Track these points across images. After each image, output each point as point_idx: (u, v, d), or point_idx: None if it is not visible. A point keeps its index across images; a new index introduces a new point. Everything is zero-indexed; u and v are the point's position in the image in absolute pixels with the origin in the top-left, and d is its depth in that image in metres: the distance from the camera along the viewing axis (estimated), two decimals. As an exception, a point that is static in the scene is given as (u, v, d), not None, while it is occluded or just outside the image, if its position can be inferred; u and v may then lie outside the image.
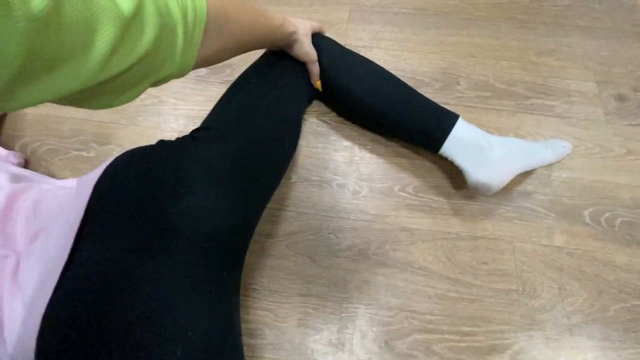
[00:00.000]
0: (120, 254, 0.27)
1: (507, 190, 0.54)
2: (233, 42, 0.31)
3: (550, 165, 0.53)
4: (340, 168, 0.56)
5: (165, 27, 0.21)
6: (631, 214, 0.53)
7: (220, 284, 0.31)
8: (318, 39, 0.49)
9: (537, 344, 0.45)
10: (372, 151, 0.58)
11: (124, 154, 0.35)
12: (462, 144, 0.47)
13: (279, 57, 0.46)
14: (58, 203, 0.34)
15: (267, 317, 0.46)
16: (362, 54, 0.54)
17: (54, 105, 0.60)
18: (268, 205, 0.52)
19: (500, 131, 0.60)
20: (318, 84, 0.50)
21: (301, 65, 0.47)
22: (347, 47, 0.56)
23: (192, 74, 0.61)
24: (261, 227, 0.52)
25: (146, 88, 0.23)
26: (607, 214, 0.53)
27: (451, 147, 0.48)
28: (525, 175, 0.55)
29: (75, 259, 0.27)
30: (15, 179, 0.41)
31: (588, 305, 0.47)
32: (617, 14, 0.72)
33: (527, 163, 0.49)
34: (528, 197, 0.54)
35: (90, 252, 0.27)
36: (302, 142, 0.58)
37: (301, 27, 0.44)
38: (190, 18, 0.23)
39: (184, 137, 0.38)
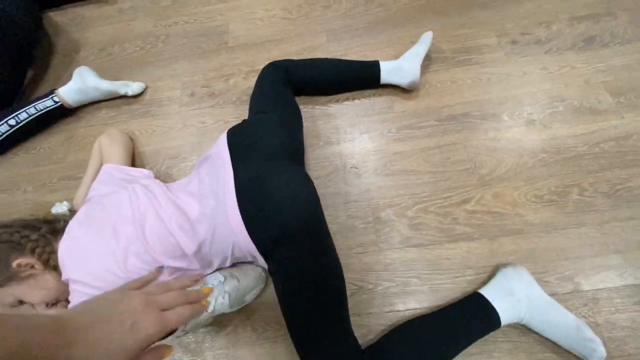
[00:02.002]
0: (258, 164, 0.60)
1: (453, 115, 0.86)
2: None
3: (428, 47, 0.90)
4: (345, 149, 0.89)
5: None
6: (536, 108, 0.84)
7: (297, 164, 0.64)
8: (286, 62, 0.86)
9: (488, 193, 0.75)
10: (353, 126, 0.90)
11: (234, 126, 0.69)
12: (388, 71, 0.87)
13: None
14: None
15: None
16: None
17: (164, 138, 0.94)
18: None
19: (443, 84, 0.92)
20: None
21: None
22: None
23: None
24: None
25: None
26: (517, 112, 0.84)
27: (385, 76, 0.87)
28: (464, 101, 0.87)
29: (236, 174, 0.59)
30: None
31: (515, 166, 0.78)
32: (502, -11, 1.06)
33: (419, 58, 0.88)
34: (466, 116, 0.86)
35: (244, 168, 0.59)
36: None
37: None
38: None
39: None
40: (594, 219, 0.70)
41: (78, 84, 0.99)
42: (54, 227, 0.72)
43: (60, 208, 0.79)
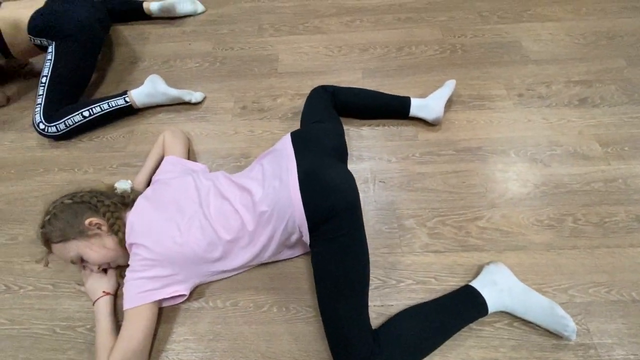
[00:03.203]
0: (318, 157, 0.74)
1: (468, 148, 1.01)
2: None
3: (452, 91, 1.08)
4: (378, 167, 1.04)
5: None
6: (538, 149, 1.00)
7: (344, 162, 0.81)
8: (333, 87, 1.04)
9: (497, 214, 0.88)
10: (382, 147, 1.05)
11: (296, 130, 0.85)
12: (416, 107, 1.03)
13: None
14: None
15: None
16: (378, 91, 1.06)
17: (217, 140, 1.08)
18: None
19: (460, 122, 1.09)
20: None
21: None
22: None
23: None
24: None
25: None
26: (522, 150, 1.00)
27: (413, 111, 1.04)
28: (477, 137, 1.03)
29: (299, 163, 0.72)
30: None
31: (520, 194, 0.91)
32: (511, 52, 1.27)
33: (444, 100, 1.05)
34: (479, 150, 1.01)
35: (305, 160, 0.72)
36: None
37: None
38: None
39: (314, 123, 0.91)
40: (585, 244, 0.83)
41: (149, 89, 1.15)
42: (124, 199, 0.84)
43: (124, 184, 0.92)
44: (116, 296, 0.79)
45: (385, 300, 0.78)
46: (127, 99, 1.14)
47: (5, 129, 1.21)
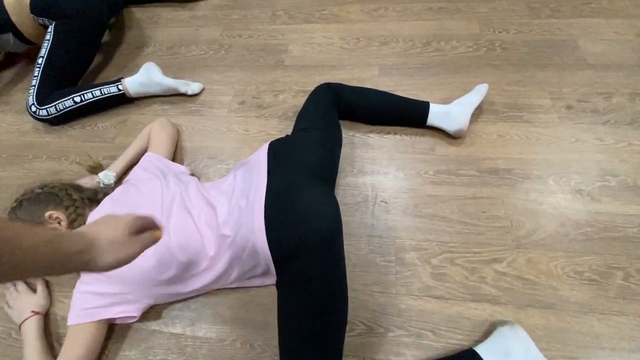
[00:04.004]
0: (292, 176, 0.60)
1: (494, 169, 0.84)
2: None
3: (482, 98, 0.90)
4: (381, 183, 0.89)
5: None
6: (585, 178, 0.80)
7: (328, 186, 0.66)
8: (340, 85, 0.89)
9: (522, 257, 0.71)
10: (390, 160, 0.90)
11: (277, 139, 0.72)
12: (436, 115, 0.86)
13: None
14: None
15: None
16: (391, 94, 0.90)
17: (208, 137, 0.97)
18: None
19: (489, 136, 0.90)
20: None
21: None
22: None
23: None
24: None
25: None
26: (564, 178, 0.80)
27: (432, 119, 0.87)
28: (508, 156, 0.85)
29: (270, 182, 0.60)
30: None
31: (555, 234, 0.73)
32: (563, 54, 1.05)
33: (471, 108, 0.87)
34: (508, 172, 0.83)
35: (278, 178, 0.60)
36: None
37: (103, 235, 0.40)
38: None
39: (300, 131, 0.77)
40: (637, 310, 0.64)
41: (143, 78, 1.07)
42: (96, 196, 0.77)
43: (107, 178, 0.86)
44: (47, 316, 0.73)
45: (367, 352, 0.64)
46: (120, 87, 1.06)
47: (6, 111, 1.19)
